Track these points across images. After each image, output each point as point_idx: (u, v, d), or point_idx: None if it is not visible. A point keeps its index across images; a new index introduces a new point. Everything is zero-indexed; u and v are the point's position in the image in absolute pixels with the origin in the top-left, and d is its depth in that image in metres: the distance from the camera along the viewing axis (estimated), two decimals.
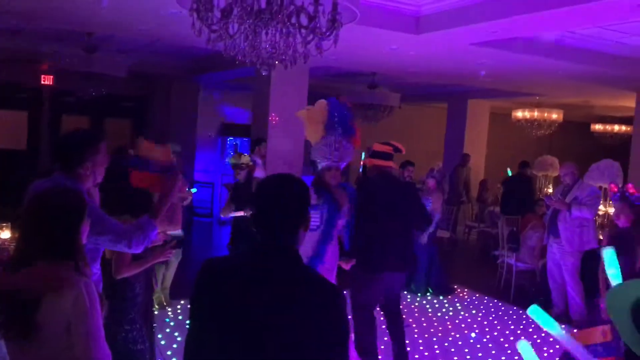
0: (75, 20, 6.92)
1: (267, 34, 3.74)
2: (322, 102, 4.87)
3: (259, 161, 7.74)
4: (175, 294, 6.29)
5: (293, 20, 3.65)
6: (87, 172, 2.79)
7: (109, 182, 3.15)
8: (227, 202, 6.32)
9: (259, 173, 7.36)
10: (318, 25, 3.67)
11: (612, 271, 1.86)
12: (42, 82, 11.17)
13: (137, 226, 2.81)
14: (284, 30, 3.68)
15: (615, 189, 4.91)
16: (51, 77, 11.02)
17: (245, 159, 6.25)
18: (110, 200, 3.34)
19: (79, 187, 2.77)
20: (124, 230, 2.76)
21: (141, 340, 3.40)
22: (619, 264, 4.48)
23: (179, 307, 6.20)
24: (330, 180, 4.50)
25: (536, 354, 1.81)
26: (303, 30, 3.69)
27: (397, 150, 4.94)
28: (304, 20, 3.66)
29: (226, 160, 6.20)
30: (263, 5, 3.59)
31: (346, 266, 4.62)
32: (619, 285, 1.67)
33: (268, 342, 1.69)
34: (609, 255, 1.88)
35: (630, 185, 4.90)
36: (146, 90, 13.19)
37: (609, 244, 4.88)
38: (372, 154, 4.97)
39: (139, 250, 2.85)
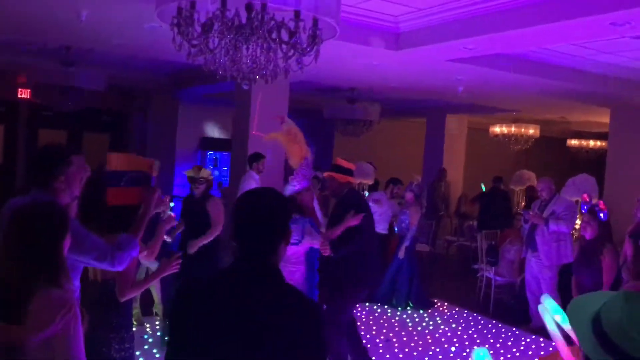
0: (54, 33, 6.88)
1: (247, 48, 3.76)
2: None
3: (257, 177, 7.71)
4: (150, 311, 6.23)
5: (274, 35, 3.68)
6: (62, 185, 2.75)
7: (94, 201, 3.12)
8: (179, 220, 5.69)
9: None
10: (299, 40, 3.70)
11: (559, 317, 1.89)
12: (19, 96, 11.05)
13: (118, 244, 2.79)
14: (265, 45, 3.71)
15: (587, 199, 4.98)
16: (28, 90, 10.91)
17: (205, 172, 5.73)
18: (106, 219, 3.28)
19: (57, 202, 2.75)
20: (106, 248, 2.73)
21: (134, 357, 3.36)
22: (586, 275, 4.53)
23: (157, 323, 6.13)
24: (310, 202, 4.48)
25: None
26: (284, 46, 3.71)
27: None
28: (284, 35, 3.69)
29: (184, 172, 5.90)
30: (244, 20, 3.61)
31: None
32: (581, 296, 1.69)
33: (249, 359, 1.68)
34: (551, 304, 1.91)
35: (601, 202, 4.98)
36: (125, 104, 13.12)
37: (578, 255, 4.94)
38: (340, 170, 4.95)
39: (121, 268, 2.82)
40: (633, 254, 2.83)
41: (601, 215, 4.73)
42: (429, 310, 7.47)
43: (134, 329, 3.51)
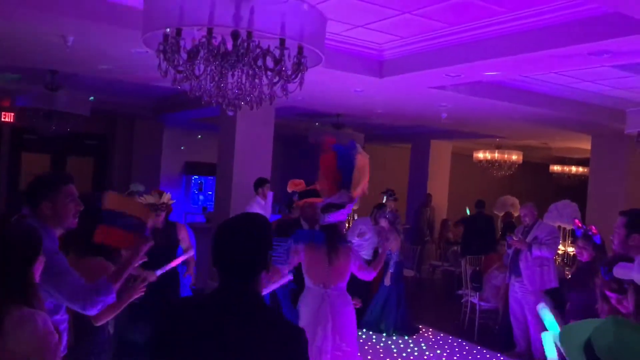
0: (39, 57, 6.87)
1: (233, 75, 3.79)
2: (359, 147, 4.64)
3: (262, 202, 7.67)
4: None
5: (259, 62, 3.71)
6: (48, 211, 2.73)
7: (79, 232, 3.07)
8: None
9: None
10: (284, 68, 3.74)
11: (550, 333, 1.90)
12: (2, 119, 10.98)
13: (94, 288, 2.72)
14: (250, 72, 3.74)
15: (580, 224, 5.05)
16: (12, 114, 10.85)
17: (166, 197, 5.04)
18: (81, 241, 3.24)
19: (47, 228, 2.72)
20: (81, 290, 2.67)
21: None
22: (582, 294, 4.53)
23: None
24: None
25: None
26: (269, 73, 3.75)
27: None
28: (270, 63, 3.72)
29: (140, 197, 5.09)
30: (229, 47, 3.64)
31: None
32: (572, 324, 1.72)
33: None
34: (545, 314, 1.94)
35: (592, 226, 5.05)
36: (109, 128, 13.08)
37: (574, 275, 4.98)
38: (315, 193, 4.88)
39: (92, 312, 2.76)
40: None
41: (594, 239, 4.79)
42: (414, 336, 7.44)
43: None
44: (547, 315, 1.88)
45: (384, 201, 9.61)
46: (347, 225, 9.80)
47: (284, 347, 1.72)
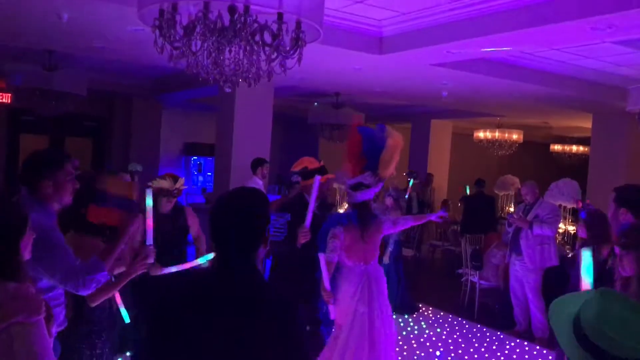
0: (35, 37, 6.79)
1: (230, 51, 3.73)
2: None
3: (260, 182, 7.63)
4: None
5: (257, 38, 3.66)
6: (49, 190, 2.72)
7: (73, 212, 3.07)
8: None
9: None
10: (282, 43, 3.68)
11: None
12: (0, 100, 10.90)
13: (86, 267, 2.70)
14: (248, 48, 3.68)
15: (580, 205, 5.08)
16: (9, 95, 10.77)
17: (180, 182, 4.63)
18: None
19: (46, 206, 2.71)
20: (75, 270, 2.65)
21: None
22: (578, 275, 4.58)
23: None
24: None
25: None
26: (267, 48, 3.69)
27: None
28: (267, 38, 3.66)
29: (150, 183, 4.41)
30: (226, 22, 3.58)
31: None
32: (562, 297, 1.70)
33: None
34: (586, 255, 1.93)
35: (589, 204, 5.07)
36: (108, 109, 13.01)
37: (577, 254, 4.98)
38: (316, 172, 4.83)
39: (85, 292, 2.74)
40: None
41: (580, 213, 4.81)
42: (414, 315, 7.46)
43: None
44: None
45: (410, 184, 9.67)
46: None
47: (281, 320, 1.70)
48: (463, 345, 6.33)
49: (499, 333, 6.81)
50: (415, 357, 5.89)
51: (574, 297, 1.66)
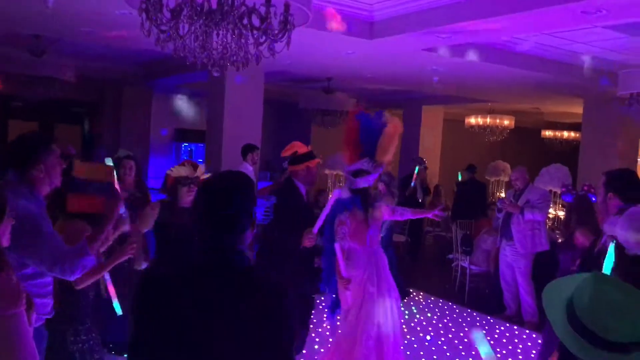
0: (21, 22, 6.69)
1: (218, 35, 3.69)
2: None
3: (250, 168, 7.60)
4: None
5: (245, 21, 3.62)
6: (41, 174, 2.70)
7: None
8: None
9: None
10: (270, 26, 3.64)
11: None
12: None
13: (72, 251, 2.68)
14: (236, 31, 3.64)
15: (565, 189, 5.09)
16: None
17: (201, 170, 4.10)
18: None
19: (35, 191, 2.69)
20: (62, 254, 2.62)
21: (98, 349, 3.28)
22: (564, 258, 4.61)
23: None
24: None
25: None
26: (255, 32, 3.65)
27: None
28: (255, 21, 3.62)
29: (169, 171, 4.07)
30: (214, 5, 3.54)
31: None
32: (555, 282, 1.70)
33: (217, 347, 1.64)
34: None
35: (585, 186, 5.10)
36: (97, 95, 12.90)
37: (566, 238, 5.01)
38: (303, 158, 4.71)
39: (72, 277, 2.72)
40: None
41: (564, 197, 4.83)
42: (405, 300, 7.48)
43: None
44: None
45: (416, 172, 9.67)
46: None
47: (271, 304, 1.69)
48: (453, 330, 6.37)
49: (489, 317, 6.86)
50: (406, 342, 5.91)
51: (567, 281, 1.66)
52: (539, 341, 6.00)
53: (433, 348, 5.76)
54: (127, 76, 11.47)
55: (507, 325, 6.57)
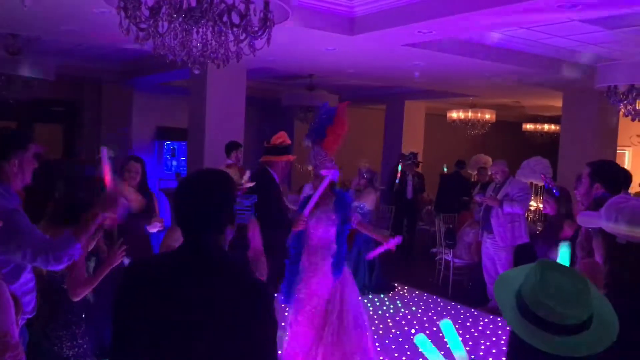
0: None
1: (198, 32, 3.68)
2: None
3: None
4: None
5: (224, 18, 3.61)
6: (14, 168, 2.69)
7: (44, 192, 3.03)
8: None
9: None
10: (250, 23, 3.64)
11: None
12: None
13: (57, 242, 2.66)
14: (216, 28, 3.63)
15: (544, 179, 5.14)
16: None
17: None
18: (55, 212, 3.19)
19: (8, 187, 2.67)
20: (44, 244, 2.61)
21: (89, 354, 3.26)
22: (552, 248, 4.67)
23: None
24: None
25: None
26: (235, 29, 3.65)
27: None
28: (235, 18, 3.62)
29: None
30: (193, 3, 3.53)
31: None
32: (506, 272, 1.75)
33: (197, 344, 1.64)
34: (421, 343, 1.98)
35: (549, 179, 5.17)
36: (77, 94, 12.75)
37: (543, 230, 5.08)
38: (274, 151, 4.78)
39: (57, 267, 2.70)
40: (584, 232, 2.88)
41: (554, 191, 4.88)
42: (390, 294, 7.54)
43: None
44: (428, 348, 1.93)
45: (399, 169, 9.69)
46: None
47: (250, 301, 1.70)
48: (438, 323, 6.41)
49: (472, 310, 6.93)
50: (391, 336, 5.96)
51: (517, 271, 1.70)
52: None
53: None
54: (108, 74, 11.37)
55: (491, 317, 6.64)
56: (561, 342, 1.47)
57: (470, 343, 5.76)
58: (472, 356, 5.77)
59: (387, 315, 6.68)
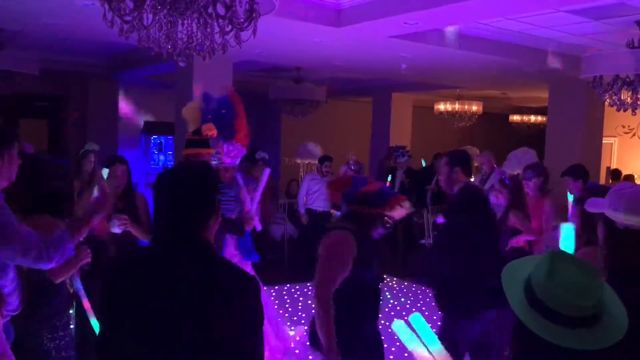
0: None
1: (183, 24, 3.65)
2: (198, 102, 4.73)
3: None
4: None
5: (210, 10, 3.58)
6: (2, 167, 2.64)
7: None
8: None
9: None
10: (235, 15, 3.62)
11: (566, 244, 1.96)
12: None
13: (49, 239, 2.61)
14: (201, 20, 3.60)
15: (497, 170, 5.17)
16: None
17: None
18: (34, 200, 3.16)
19: None
20: (35, 240, 2.56)
21: (71, 346, 3.25)
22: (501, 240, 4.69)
23: None
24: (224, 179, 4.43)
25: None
26: (220, 21, 3.62)
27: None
28: (220, 10, 3.59)
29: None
30: None
31: None
32: (515, 262, 1.74)
33: (184, 335, 1.64)
34: (401, 329, 2.00)
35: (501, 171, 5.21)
36: (62, 89, 12.64)
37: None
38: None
39: (47, 266, 2.64)
40: (581, 221, 2.88)
41: (506, 181, 4.91)
42: (379, 285, 7.55)
43: (71, 311, 3.40)
44: (402, 329, 1.95)
45: (388, 179, 9.62)
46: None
47: (238, 294, 1.69)
48: (427, 314, 6.45)
49: None
50: (380, 327, 5.96)
51: (527, 260, 1.70)
52: None
53: None
54: (93, 69, 11.26)
55: None
56: (571, 334, 1.46)
57: None
58: None
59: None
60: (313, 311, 3.10)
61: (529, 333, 1.49)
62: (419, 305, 6.80)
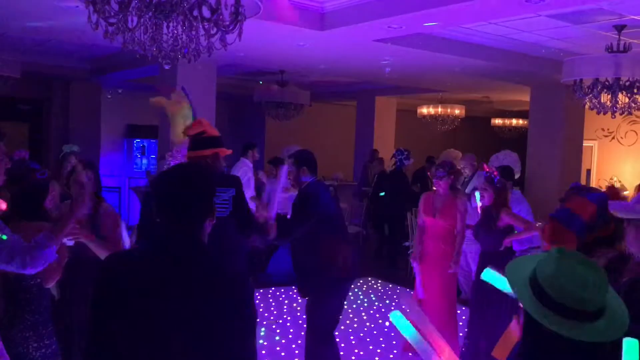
0: None
1: (168, 27, 3.65)
2: (181, 94, 4.66)
3: (250, 164, 7.83)
4: None
5: (195, 12, 3.59)
6: None
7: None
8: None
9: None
10: (221, 18, 3.63)
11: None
12: None
13: (34, 244, 2.60)
14: (186, 23, 3.61)
15: (487, 169, 5.13)
16: None
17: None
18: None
19: None
20: (19, 245, 2.54)
21: (58, 354, 3.21)
22: (489, 239, 4.77)
23: None
24: None
25: None
26: (206, 23, 3.63)
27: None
28: (206, 12, 3.60)
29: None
30: None
31: None
32: (518, 258, 1.77)
33: (176, 337, 1.64)
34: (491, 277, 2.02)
35: (488, 167, 5.17)
36: (44, 92, 12.52)
37: (480, 221, 5.09)
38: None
39: (33, 271, 2.62)
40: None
41: (495, 181, 4.91)
42: (363, 288, 7.59)
43: None
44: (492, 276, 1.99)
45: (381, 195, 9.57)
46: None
47: (229, 293, 1.70)
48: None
49: None
50: (365, 329, 6.00)
51: (530, 257, 1.73)
52: None
53: (392, 334, 5.86)
54: (76, 71, 11.17)
55: (463, 308, 6.72)
56: (581, 327, 1.49)
57: None
58: None
59: (362, 308, 6.72)
60: None
61: (539, 328, 1.52)
62: (403, 307, 6.82)
